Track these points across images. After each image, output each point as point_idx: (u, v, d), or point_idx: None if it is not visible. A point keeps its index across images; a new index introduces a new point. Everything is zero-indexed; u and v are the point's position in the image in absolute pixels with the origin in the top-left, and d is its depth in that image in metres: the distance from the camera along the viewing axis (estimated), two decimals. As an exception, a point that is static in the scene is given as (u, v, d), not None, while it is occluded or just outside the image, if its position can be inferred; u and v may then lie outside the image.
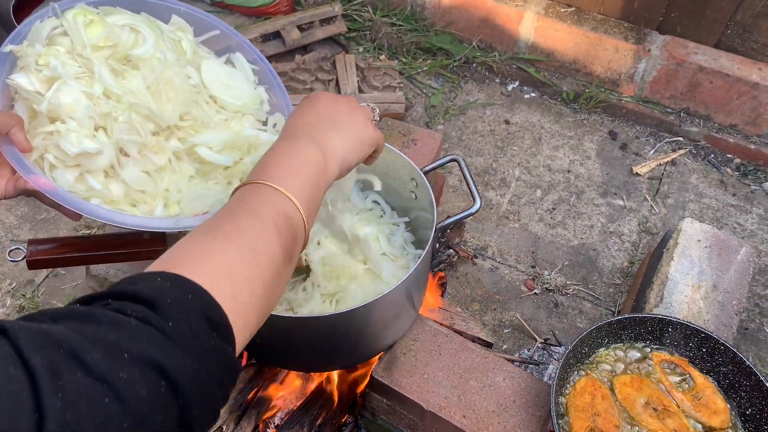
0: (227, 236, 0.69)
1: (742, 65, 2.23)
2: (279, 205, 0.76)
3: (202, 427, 0.61)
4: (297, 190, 0.78)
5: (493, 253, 2.06)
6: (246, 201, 0.76)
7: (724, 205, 2.21)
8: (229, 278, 0.65)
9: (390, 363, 1.39)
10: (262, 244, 0.70)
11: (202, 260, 0.65)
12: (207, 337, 0.60)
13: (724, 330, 1.48)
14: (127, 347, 0.53)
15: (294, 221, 0.76)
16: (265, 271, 0.69)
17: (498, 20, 2.50)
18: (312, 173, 0.82)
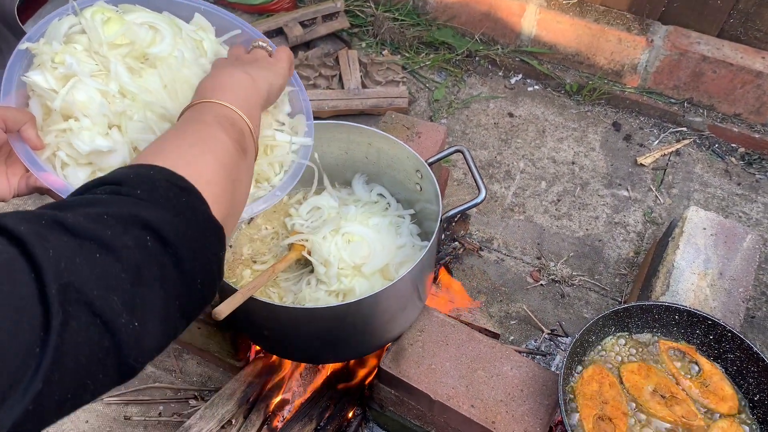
0: (177, 137, 0.75)
1: (745, 54, 2.22)
2: (217, 111, 0.82)
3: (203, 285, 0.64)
4: (231, 100, 0.84)
5: (498, 245, 2.06)
6: (187, 117, 0.82)
7: (729, 194, 2.21)
8: (186, 162, 0.70)
9: (397, 354, 1.39)
10: (209, 136, 0.76)
11: (157, 155, 0.70)
12: (177, 197, 0.64)
13: (731, 317, 1.48)
14: (104, 211, 0.57)
15: (236, 121, 0.82)
16: (219, 155, 0.74)
17: (500, 13, 2.51)
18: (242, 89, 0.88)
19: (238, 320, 1.28)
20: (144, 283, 0.55)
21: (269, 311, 1.21)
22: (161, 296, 0.57)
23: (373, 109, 2.36)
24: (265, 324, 1.30)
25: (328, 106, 2.32)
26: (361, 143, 1.49)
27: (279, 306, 1.21)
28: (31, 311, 0.47)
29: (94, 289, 0.51)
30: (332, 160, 1.54)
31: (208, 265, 0.65)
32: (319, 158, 1.51)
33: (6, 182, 0.97)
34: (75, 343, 0.49)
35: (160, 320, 0.58)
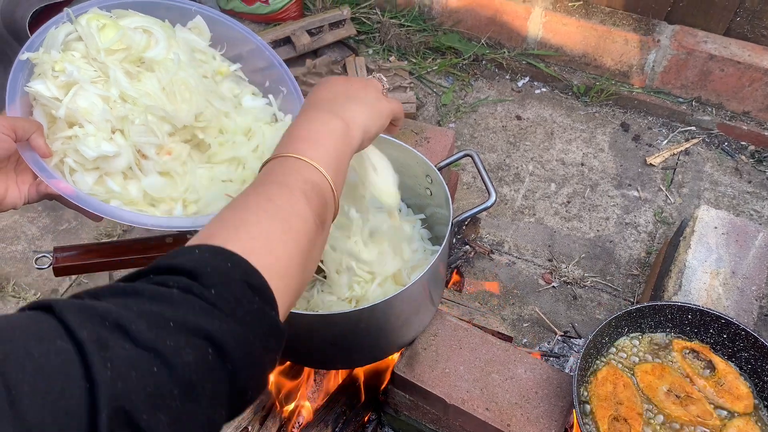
0: (258, 206, 0.70)
1: (753, 52, 2.22)
2: (305, 174, 0.76)
3: (252, 395, 0.61)
4: (321, 158, 0.78)
5: (509, 248, 2.06)
6: (271, 173, 0.76)
7: (740, 192, 2.21)
8: (265, 245, 0.66)
9: (411, 358, 1.40)
10: (292, 210, 0.71)
11: (238, 230, 0.66)
12: (249, 302, 0.60)
13: (744, 315, 1.48)
14: (171, 316, 0.54)
15: (322, 188, 0.76)
16: (298, 236, 0.70)
17: (506, 17, 2.51)
18: (335, 141, 0.82)
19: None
20: (194, 400, 0.53)
21: (283, 318, 1.22)
22: (210, 411, 0.55)
23: (381, 115, 2.37)
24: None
25: (336, 113, 2.33)
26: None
27: (293, 312, 1.23)
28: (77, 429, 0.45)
29: (143, 412, 0.49)
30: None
31: (262, 374, 0.62)
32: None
33: (17, 190, 0.99)
34: None
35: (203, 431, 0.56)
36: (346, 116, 0.86)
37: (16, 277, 2.05)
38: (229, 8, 2.78)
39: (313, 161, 0.77)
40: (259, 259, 0.64)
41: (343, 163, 0.82)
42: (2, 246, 2.13)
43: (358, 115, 0.88)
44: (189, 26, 1.17)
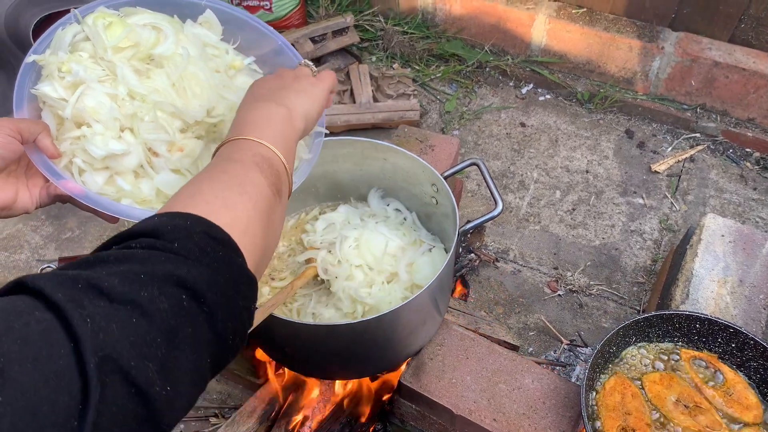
0: (212, 178, 0.74)
1: (757, 59, 2.22)
2: (255, 150, 0.80)
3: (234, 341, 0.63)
4: (270, 137, 0.83)
5: (514, 255, 2.06)
6: (223, 154, 0.81)
7: (746, 199, 2.20)
8: (223, 206, 0.69)
9: (418, 369, 1.39)
10: (246, 178, 0.75)
11: (194, 198, 0.69)
12: (214, 250, 0.62)
13: (752, 324, 1.47)
14: (139, 270, 0.56)
15: (273, 161, 0.80)
16: (255, 197, 0.73)
17: (509, 24, 2.51)
18: (281, 125, 0.87)
19: (258, 338, 1.29)
20: (177, 346, 0.55)
21: (289, 328, 1.22)
22: (194, 357, 0.57)
23: (384, 123, 2.37)
24: (285, 341, 1.31)
25: (340, 121, 2.33)
26: (377, 158, 1.49)
27: (299, 323, 1.22)
28: (69, 384, 0.47)
29: (130, 359, 0.51)
30: (347, 176, 1.55)
31: (240, 319, 0.64)
32: (334, 174, 1.53)
33: (28, 194, 0.99)
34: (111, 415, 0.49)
35: (191, 381, 0.57)
36: (287, 104, 0.90)
37: (19, 286, 2.04)
38: (233, 16, 2.79)
39: (262, 140, 0.82)
40: (218, 217, 0.66)
41: (290, 144, 0.87)
42: (6, 255, 2.12)
43: (297, 102, 0.92)
44: (199, 21, 1.16)
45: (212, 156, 0.84)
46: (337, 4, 2.77)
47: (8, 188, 0.95)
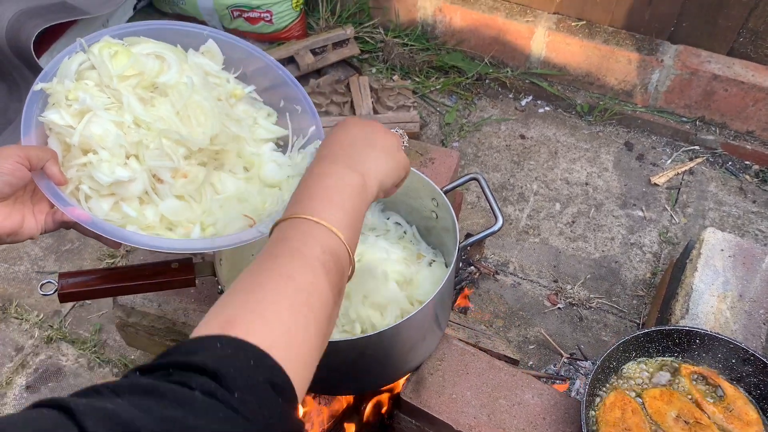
0: (277, 286, 0.67)
1: (756, 72, 2.23)
2: (323, 241, 0.73)
3: None
4: (339, 220, 0.75)
5: (514, 268, 2.06)
6: (288, 240, 0.73)
7: (745, 212, 2.20)
8: (286, 333, 0.63)
9: (418, 384, 1.39)
10: (312, 287, 0.68)
11: (256, 316, 0.63)
12: (273, 404, 0.58)
13: (752, 340, 1.47)
14: (194, 425, 0.52)
15: (340, 256, 0.74)
16: (318, 315, 0.68)
17: (509, 36, 2.52)
18: (353, 199, 0.79)
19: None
20: None
21: (289, 344, 1.21)
22: None
23: (385, 135, 2.37)
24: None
25: (340, 133, 2.33)
26: (377, 172, 1.49)
27: (299, 339, 1.22)
28: None
29: None
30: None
31: None
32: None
33: (33, 220, 0.99)
34: None
35: None
36: (363, 168, 0.82)
37: (19, 298, 2.04)
38: (233, 27, 2.80)
39: (331, 225, 0.73)
40: (280, 352, 0.61)
41: (359, 220, 0.79)
42: (5, 266, 2.12)
43: (375, 165, 0.84)
44: (201, 50, 1.18)
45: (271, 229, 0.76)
46: (337, 16, 2.78)
47: (15, 214, 0.96)
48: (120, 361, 1.87)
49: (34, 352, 1.91)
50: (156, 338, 1.64)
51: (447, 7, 2.58)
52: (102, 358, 1.89)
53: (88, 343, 1.92)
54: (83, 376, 1.85)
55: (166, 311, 1.55)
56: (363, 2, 2.75)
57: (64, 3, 2.45)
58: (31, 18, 2.30)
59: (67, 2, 2.46)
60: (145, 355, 1.87)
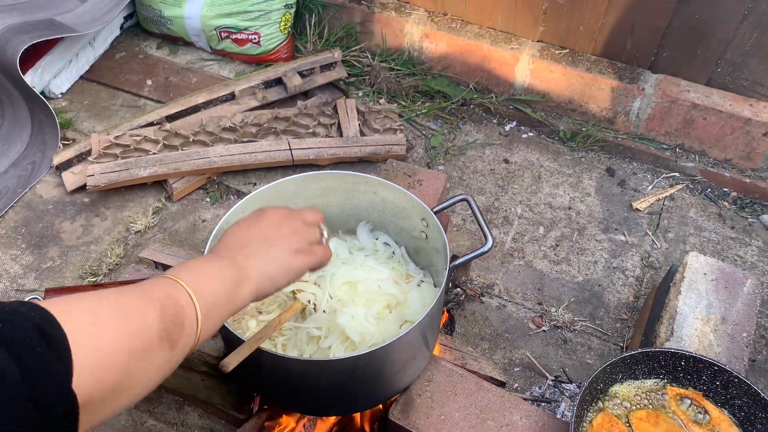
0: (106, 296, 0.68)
1: (734, 101, 2.29)
2: (172, 292, 0.75)
3: None
4: (199, 289, 0.77)
5: (499, 290, 2.07)
6: (143, 283, 0.75)
7: (724, 238, 2.24)
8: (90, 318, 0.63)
9: (406, 405, 1.38)
10: (137, 311, 0.68)
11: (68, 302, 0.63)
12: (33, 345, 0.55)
13: (735, 362, 1.49)
14: None
15: (184, 310, 0.74)
16: (133, 334, 0.66)
17: (494, 63, 2.57)
18: (221, 288, 0.82)
19: (243, 372, 1.26)
20: None
21: (277, 363, 1.20)
22: None
23: (371, 156, 2.39)
24: (271, 376, 1.29)
25: (327, 154, 2.34)
26: (366, 192, 1.50)
27: (288, 358, 1.21)
28: None
29: None
30: (336, 209, 1.56)
31: None
32: (323, 207, 1.53)
33: None
34: None
35: None
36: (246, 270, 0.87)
37: (-4, 316, 1.99)
38: (220, 48, 2.81)
39: (189, 288, 0.76)
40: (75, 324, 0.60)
41: (222, 309, 0.81)
42: (-17, 284, 2.08)
43: (261, 269, 0.89)
44: None
45: None
46: (324, 40, 2.81)
47: None
48: (100, 382, 1.83)
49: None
50: (139, 358, 1.61)
51: (433, 33, 2.62)
52: (81, 379, 1.85)
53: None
54: (62, 396, 1.81)
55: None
56: (350, 27, 2.78)
57: (51, 20, 2.45)
58: (17, 34, 2.29)
59: (55, 20, 2.45)
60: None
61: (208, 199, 2.35)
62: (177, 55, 2.89)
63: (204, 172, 2.31)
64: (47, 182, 2.38)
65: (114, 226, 2.25)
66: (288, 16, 2.71)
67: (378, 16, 2.70)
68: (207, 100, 2.48)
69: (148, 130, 2.34)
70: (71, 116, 2.60)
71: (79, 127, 2.57)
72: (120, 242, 2.20)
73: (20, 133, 2.45)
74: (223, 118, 2.37)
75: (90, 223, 2.26)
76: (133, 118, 2.43)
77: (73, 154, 2.33)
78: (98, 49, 2.83)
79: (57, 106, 2.64)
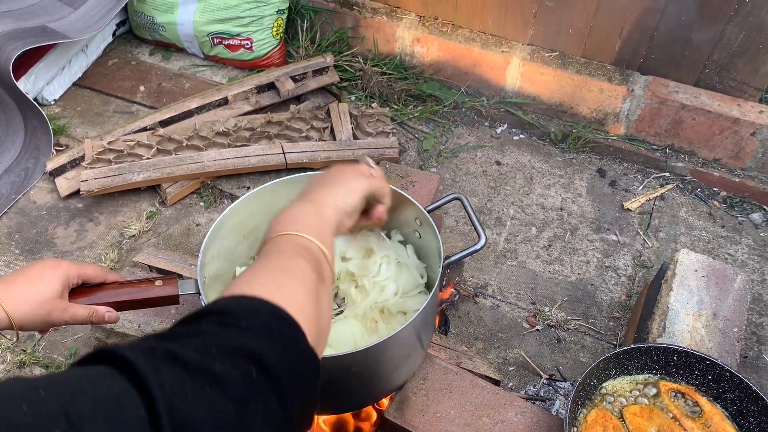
0: (264, 267, 0.81)
1: (722, 102, 2.32)
2: (295, 241, 0.88)
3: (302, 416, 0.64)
4: (305, 229, 0.90)
5: (493, 291, 2.08)
6: (268, 249, 0.88)
7: (714, 236, 2.27)
8: (278, 288, 0.73)
9: (402, 403, 1.39)
10: (291, 263, 0.81)
11: (249, 284, 0.74)
12: (280, 329, 0.66)
13: (727, 357, 1.51)
14: (211, 343, 0.58)
15: (312, 249, 0.87)
16: (303, 280, 0.79)
17: (485, 67, 2.59)
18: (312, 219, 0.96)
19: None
20: (249, 418, 0.56)
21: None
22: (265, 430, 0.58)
23: (364, 160, 2.40)
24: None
25: (320, 157, 2.36)
26: (360, 193, 1.51)
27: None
28: None
29: (204, 428, 0.52)
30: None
31: (308, 396, 0.66)
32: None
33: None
34: None
35: None
36: (317, 199, 1.02)
37: (-10, 322, 1.99)
38: (213, 54, 2.82)
39: (301, 232, 0.89)
40: (275, 298, 0.69)
41: (325, 233, 0.95)
42: (-23, 290, 2.07)
43: (328, 197, 1.03)
44: None
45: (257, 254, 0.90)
46: (317, 45, 2.83)
47: None
48: (95, 386, 1.84)
49: (6, 377, 1.86)
50: (135, 361, 1.61)
51: (425, 37, 2.64)
52: (77, 383, 1.85)
53: (63, 368, 1.87)
54: (57, 401, 1.81)
55: (146, 332, 1.53)
56: (342, 32, 2.80)
57: (44, 27, 2.45)
58: (10, 40, 2.30)
59: (48, 26, 2.46)
60: (122, 380, 1.84)
61: (202, 204, 2.36)
62: (170, 61, 2.90)
63: (198, 176, 2.32)
64: (41, 188, 2.38)
65: (108, 231, 2.25)
66: (280, 22, 2.73)
67: (369, 21, 2.72)
68: (200, 105, 2.49)
69: (142, 135, 2.35)
70: (64, 122, 2.61)
71: (73, 133, 2.58)
72: (114, 247, 2.21)
73: (13, 139, 2.45)
74: (216, 123, 2.38)
75: (84, 229, 2.26)
76: (127, 124, 2.44)
77: (66, 160, 2.33)
78: (91, 55, 2.84)
79: (50, 112, 2.64)
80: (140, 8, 2.79)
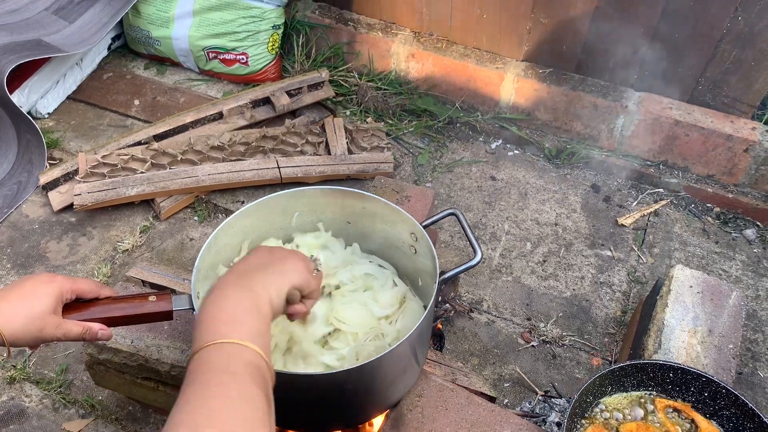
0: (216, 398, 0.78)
1: (715, 118, 2.33)
2: (244, 357, 0.85)
3: None
4: (250, 336, 0.88)
5: (488, 306, 2.07)
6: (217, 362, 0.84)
7: (708, 252, 2.27)
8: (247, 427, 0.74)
9: (397, 420, 1.38)
10: (249, 396, 0.79)
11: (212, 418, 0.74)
12: None
13: (723, 374, 1.50)
14: None
15: (260, 366, 0.85)
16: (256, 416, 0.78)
17: (479, 82, 2.60)
18: (252, 319, 0.93)
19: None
20: None
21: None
22: None
23: (359, 174, 2.40)
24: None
25: (315, 172, 2.35)
26: (355, 206, 1.51)
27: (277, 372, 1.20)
28: None
29: None
30: (326, 224, 1.56)
31: None
32: (312, 223, 1.53)
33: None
34: None
35: None
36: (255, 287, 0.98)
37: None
38: (208, 68, 2.82)
39: (246, 342, 0.86)
40: None
41: (265, 333, 0.93)
42: (-33, 305, 2.05)
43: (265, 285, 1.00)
44: None
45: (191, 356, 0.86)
46: (312, 60, 2.84)
47: None
48: (86, 402, 1.81)
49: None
50: (127, 376, 1.60)
51: (419, 53, 2.65)
52: (68, 399, 1.82)
53: (54, 384, 1.85)
54: (47, 417, 1.78)
55: (139, 348, 1.52)
56: (337, 47, 2.81)
57: (39, 41, 2.45)
58: (5, 54, 2.29)
59: (42, 40, 2.46)
60: (113, 395, 1.82)
61: (196, 218, 2.35)
62: (164, 75, 2.90)
63: (192, 190, 2.31)
64: (33, 202, 2.37)
65: (101, 246, 2.24)
66: (276, 37, 2.74)
67: (365, 37, 2.73)
68: (195, 119, 2.49)
69: (136, 149, 2.34)
70: (58, 136, 2.60)
71: (66, 146, 2.57)
72: (107, 261, 2.19)
73: (6, 152, 2.44)
74: (211, 137, 2.38)
75: (76, 243, 2.24)
76: (121, 138, 2.43)
77: (59, 174, 2.32)
78: (86, 69, 2.84)
79: (44, 125, 2.63)
80: (136, 22, 2.79)
